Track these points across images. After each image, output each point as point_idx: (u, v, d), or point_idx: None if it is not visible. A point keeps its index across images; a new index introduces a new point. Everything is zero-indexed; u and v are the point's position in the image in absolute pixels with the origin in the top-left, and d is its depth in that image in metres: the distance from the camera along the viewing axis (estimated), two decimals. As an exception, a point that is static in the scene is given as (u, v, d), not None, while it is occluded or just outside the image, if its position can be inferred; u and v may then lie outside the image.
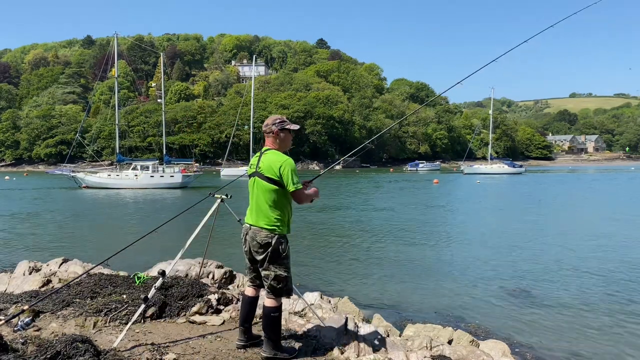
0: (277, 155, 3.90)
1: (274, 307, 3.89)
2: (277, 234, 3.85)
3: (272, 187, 3.82)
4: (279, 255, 3.86)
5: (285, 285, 3.89)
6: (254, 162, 4.02)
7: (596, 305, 7.57)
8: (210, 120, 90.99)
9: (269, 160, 3.85)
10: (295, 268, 9.70)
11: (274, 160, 3.83)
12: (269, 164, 3.84)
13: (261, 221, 3.86)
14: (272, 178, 3.80)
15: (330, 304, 6.15)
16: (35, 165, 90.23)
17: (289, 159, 3.85)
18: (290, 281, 3.95)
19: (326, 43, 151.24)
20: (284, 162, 3.81)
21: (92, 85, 76.59)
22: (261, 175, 3.86)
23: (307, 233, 14.92)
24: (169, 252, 9.32)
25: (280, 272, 3.86)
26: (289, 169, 3.79)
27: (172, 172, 40.30)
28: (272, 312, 3.89)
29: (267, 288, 3.92)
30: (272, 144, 4.00)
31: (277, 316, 3.92)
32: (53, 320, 4.64)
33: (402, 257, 11.23)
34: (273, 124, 3.99)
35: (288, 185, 3.78)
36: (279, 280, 3.86)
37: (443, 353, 4.48)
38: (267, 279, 3.88)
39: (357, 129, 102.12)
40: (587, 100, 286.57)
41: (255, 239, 3.87)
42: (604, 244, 12.82)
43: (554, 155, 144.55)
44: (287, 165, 3.80)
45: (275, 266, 3.86)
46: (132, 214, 21.44)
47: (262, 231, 3.85)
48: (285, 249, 3.89)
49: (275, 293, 3.89)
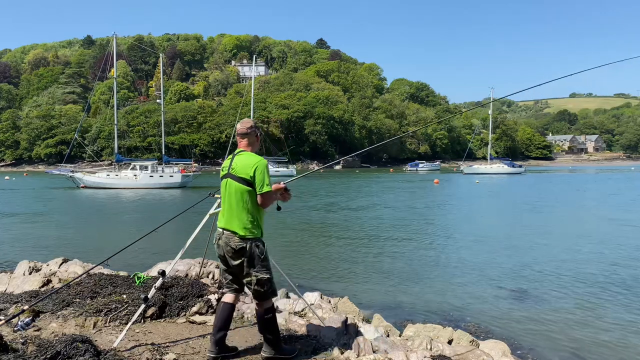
0: (251, 156, 3.88)
1: (266, 309, 3.86)
2: (251, 238, 3.78)
3: (245, 188, 3.78)
4: (258, 259, 3.78)
5: (269, 287, 3.84)
6: (226, 165, 3.99)
7: (596, 304, 7.57)
8: (210, 120, 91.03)
9: (243, 162, 3.83)
10: (295, 268, 9.76)
11: (248, 161, 3.81)
12: (243, 165, 3.81)
13: (234, 225, 3.79)
14: (245, 179, 3.77)
15: (330, 304, 6.15)
16: (35, 165, 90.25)
17: (262, 160, 3.84)
18: (273, 282, 3.89)
19: (326, 43, 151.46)
20: (258, 162, 3.80)
21: (92, 85, 76.55)
22: (234, 177, 3.83)
23: (307, 233, 14.92)
24: (169, 252, 9.32)
25: (261, 275, 3.78)
26: (262, 170, 3.77)
27: (172, 172, 40.36)
28: (265, 315, 3.86)
29: (253, 294, 3.86)
30: (246, 146, 3.98)
31: (271, 317, 3.88)
32: (53, 320, 4.64)
33: (402, 257, 11.23)
34: (255, 126, 4.03)
35: (260, 187, 3.74)
36: (262, 284, 3.79)
37: (443, 353, 4.48)
38: (250, 285, 3.82)
39: (357, 129, 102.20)
40: (587, 100, 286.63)
41: (229, 244, 3.79)
42: (604, 243, 12.82)
43: (554, 155, 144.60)
44: (260, 166, 3.78)
45: (255, 270, 3.78)
46: (131, 214, 21.44)
47: (235, 236, 3.78)
48: (262, 251, 3.81)
49: (261, 297, 3.83)
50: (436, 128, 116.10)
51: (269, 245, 3.96)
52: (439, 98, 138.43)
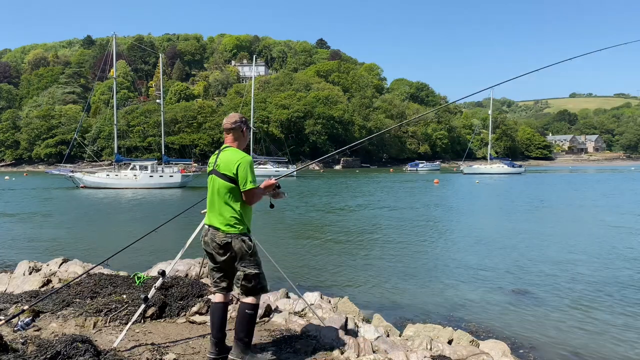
0: (235, 152, 3.84)
1: (250, 304, 3.75)
2: (236, 234, 3.74)
3: (229, 185, 3.75)
4: (245, 253, 3.74)
5: (257, 282, 3.76)
6: (212, 160, 3.96)
7: (596, 304, 7.57)
8: (210, 120, 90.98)
9: (227, 158, 3.79)
10: (295, 268, 9.76)
11: (232, 158, 3.77)
12: (227, 161, 3.77)
13: (218, 221, 3.78)
14: (228, 175, 3.74)
15: (330, 304, 6.15)
16: (35, 165, 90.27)
17: (246, 156, 3.78)
18: (262, 277, 3.80)
19: (326, 43, 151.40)
20: (242, 159, 3.75)
21: (92, 85, 76.68)
22: (218, 173, 3.80)
23: (307, 233, 14.93)
24: (169, 252, 9.32)
25: (249, 270, 3.72)
26: (245, 166, 3.71)
27: (172, 172, 40.42)
28: (247, 309, 3.73)
29: (240, 289, 3.80)
30: (232, 142, 3.94)
31: (252, 314, 3.75)
32: (53, 320, 4.64)
33: (402, 257, 11.23)
34: (241, 121, 3.97)
35: (243, 184, 3.70)
36: (250, 279, 3.73)
37: (443, 353, 4.48)
38: (238, 280, 3.77)
39: (357, 129, 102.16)
40: (587, 100, 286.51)
41: (214, 240, 3.77)
42: (604, 243, 12.82)
43: (554, 155, 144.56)
44: (244, 163, 3.72)
45: (243, 265, 3.74)
46: (131, 214, 21.44)
47: (219, 232, 3.76)
48: (250, 246, 3.75)
49: (248, 293, 3.76)
50: (436, 128, 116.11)
51: (268, 246, 3.96)
52: (439, 98, 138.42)
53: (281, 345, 4.31)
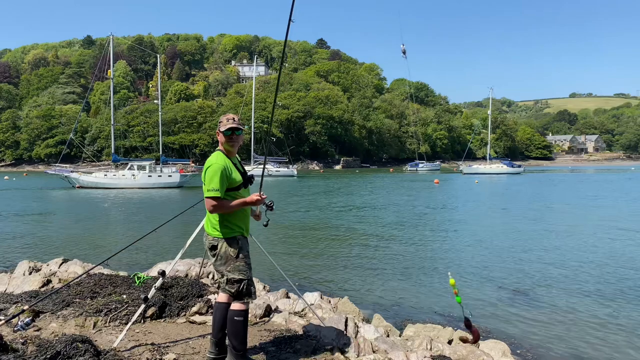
0: (213, 156, 3.81)
1: (237, 310, 3.68)
2: (222, 238, 3.72)
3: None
4: (230, 258, 3.71)
5: (240, 288, 3.69)
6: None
7: (596, 305, 7.57)
8: (210, 120, 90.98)
9: (206, 162, 3.80)
10: (295, 268, 9.76)
11: (207, 162, 3.76)
12: (205, 164, 3.79)
13: (207, 224, 3.84)
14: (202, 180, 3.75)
15: (330, 304, 6.15)
16: (35, 165, 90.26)
17: (216, 162, 3.67)
18: (248, 283, 3.73)
19: (326, 43, 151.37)
20: (210, 164, 3.69)
21: (91, 85, 76.80)
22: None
23: (307, 233, 14.92)
24: (169, 252, 9.34)
25: (232, 275, 3.68)
26: (210, 173, 3.63)
27: (170, 171, 40.43)
28: (235, 316, 3.67)
29: (225, 294, 3.79)
30: (220, 145, 3.92)
31: (241, 321, 3.67)
32: (53, 320, 4.64)
33: (402, 257, 11.23)
34: (220, 121, 3.92)
35: (204, 189, 3.65)
36: (232, 283, 3.69)
37: (443, 353, 4.49)
38: (222, 284, 3.78)
39: (357, 129, 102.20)
40: (587, 100, 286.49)
41: (205, 244, 3.86)
42: (603, 244, 12.82)
43: (553, 155, 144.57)
44: (211, 168, 3.65)
45: (227, 269, 3.71)
46: (131, 213, 21.43)
47: (209, 236, 3.81)
48: (235, 252, 3.71)
49: (235, 298, 3.72)
50: (436, 128, 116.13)
51: (268, 246, 3.96)
52: (439, 98, 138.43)
53: (281, 345, 4.31)
